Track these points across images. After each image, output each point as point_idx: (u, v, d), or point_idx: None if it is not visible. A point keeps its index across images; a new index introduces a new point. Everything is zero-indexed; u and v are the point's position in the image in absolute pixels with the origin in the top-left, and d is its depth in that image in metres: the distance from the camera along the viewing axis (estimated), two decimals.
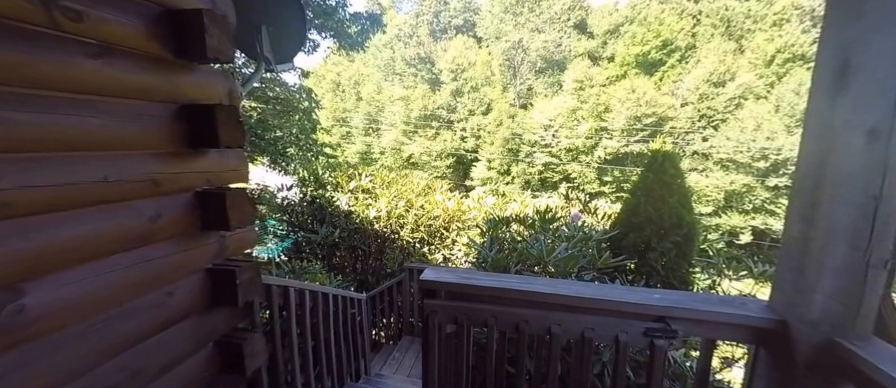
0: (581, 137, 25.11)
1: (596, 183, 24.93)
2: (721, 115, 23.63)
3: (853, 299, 1.17)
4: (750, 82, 23.33)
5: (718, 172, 22.02)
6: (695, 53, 28.65)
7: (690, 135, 24.74)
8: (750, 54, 25.28)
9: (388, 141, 30.62)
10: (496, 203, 4.48)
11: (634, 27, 30.88)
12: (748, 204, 21.10)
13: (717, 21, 29.57)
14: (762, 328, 1.30)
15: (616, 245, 2.78)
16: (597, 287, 1.39)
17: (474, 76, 30.77)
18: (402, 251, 4.26)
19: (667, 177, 2.69)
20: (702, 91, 24.52)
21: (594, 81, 27.40)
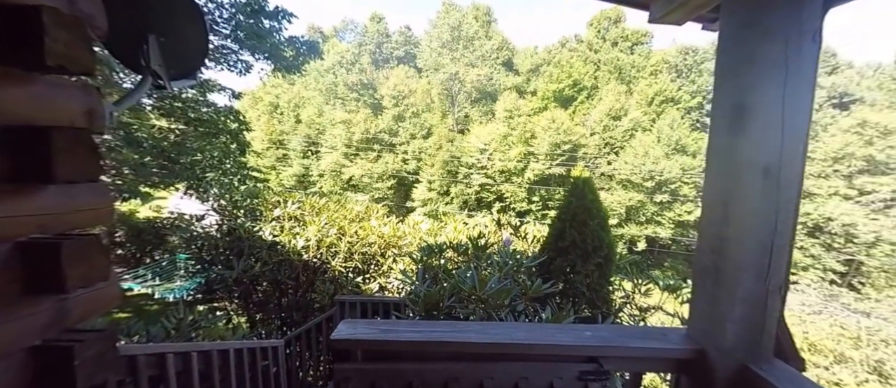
0: (512, 160, 26.50)
1: (525, 202, 26.30)
2: (620, 143, 26.84)
3: (758, 325, 1.17)
4: (638, 118, 27.06)
5: (620, 190, 24.73)
6: (598, 93, 32.56)
7: (598, 159, 27.57)
8: (637, 96, 29.45)
9: (328, 163, 29.10)
10: (431, 228, 4.28)
11: (551, 68, 34.22)
12: (642, 216, 23.91)
13: (612, 68, 34.19)
14: (683, 359, 1.26)
15: (545, 270, 2.77)
16: (530, 330, 1.22)
17: (415, 103, 31.06)
18: (334, 282, 3.80)
19: (587, 202, 2.77)
20: (604, 123, 27.70)
21: (521, 112, 29.40)
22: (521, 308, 2.05)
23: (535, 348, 1.17)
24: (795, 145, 1.06)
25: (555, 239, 2.89)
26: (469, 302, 1.97)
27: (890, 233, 13.15)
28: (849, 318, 9.68)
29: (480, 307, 1.87)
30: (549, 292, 2.37)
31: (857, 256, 16.74)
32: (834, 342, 8.89)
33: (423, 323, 1.20)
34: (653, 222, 23.79)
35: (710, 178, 1.20)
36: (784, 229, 1.09)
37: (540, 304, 2.34)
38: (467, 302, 1.98)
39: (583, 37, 42.30)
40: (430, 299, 1.90)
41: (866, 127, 19.93)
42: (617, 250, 2.94)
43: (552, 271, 2.76)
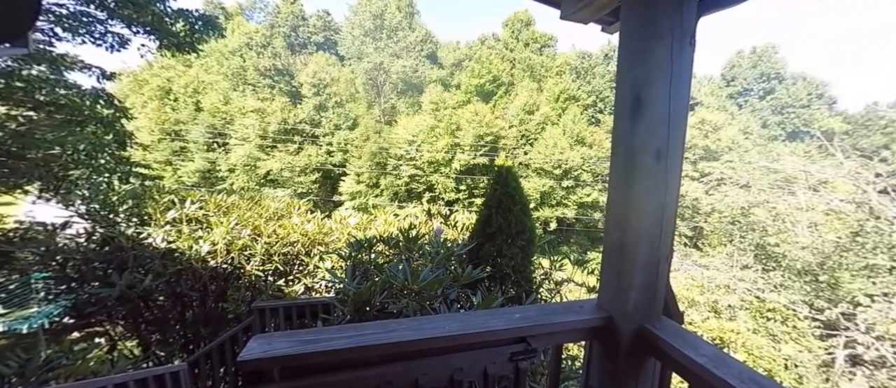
0: (440, 151, 26.84)
1: (454, 191, 27.01)
2: (533, 135, 29.28)
3: (652, 289, 1.33)
4: (547, 113, 29.82)
5: (535, 177, 27.08)
6: (514, 89, 34.89)
7: (516, 150, 29.67)
8: (546, 93, 32.38)
9: (240, 157, 25.60)
10: (360, 223, 4.02)
11: (473, 63, 35.38)
12: (553, 200, 26.66)
13: (525, 67, 36.94)
14: (595, 327, 1.37)
15: (475, 256, 2.84)
16: (463, 319, 1.19)
17: (338, 92, 29.09)
18: (251, 289, 3.32)
19: (510, 189, 2.91)
20: (520, 117, 29.86)
21: (447, 104, 29.84)
22: (454, 296, 2.05)
23: (469, 337, 1.14)
24: (679, 133, 1.22)
25: (482, 226, 2.98)
26: (402, 296, 1.89)
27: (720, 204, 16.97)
28: (696, 271, 12.24)
29: (414, 300, 1.81)
30: (480, 277, 2.42)
31: (700, 223, 21.30)
32: (687, 291, 11.18)
33: (352, 327, 1.08)
34: (561, 204, 26.67)
35: (614, 163, 1.31)
36: (671, 204, 1.25)
37: (471, 289, 2.37)
38: (400, 296, 1.90)
39: (500, 36, 44.67)
40: (361, 297, 1.76)
41: (704, 124, 25.26)
42: (536, 232, 3.17)
43: (481, 257, 2.84)
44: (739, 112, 36.02)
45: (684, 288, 11.28)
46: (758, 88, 39.76)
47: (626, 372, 1.37)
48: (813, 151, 17.74)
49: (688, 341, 1.23)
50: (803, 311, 10.38)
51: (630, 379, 1.37)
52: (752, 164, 18.15)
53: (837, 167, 12.68)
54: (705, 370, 1.10)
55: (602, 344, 1.43)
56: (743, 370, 1.08)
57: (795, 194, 12.59)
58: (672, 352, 1.23)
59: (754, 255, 12.49)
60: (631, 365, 1.36)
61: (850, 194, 11.74)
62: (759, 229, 12.80)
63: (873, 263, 9.68)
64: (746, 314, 10.51)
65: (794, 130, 35.31)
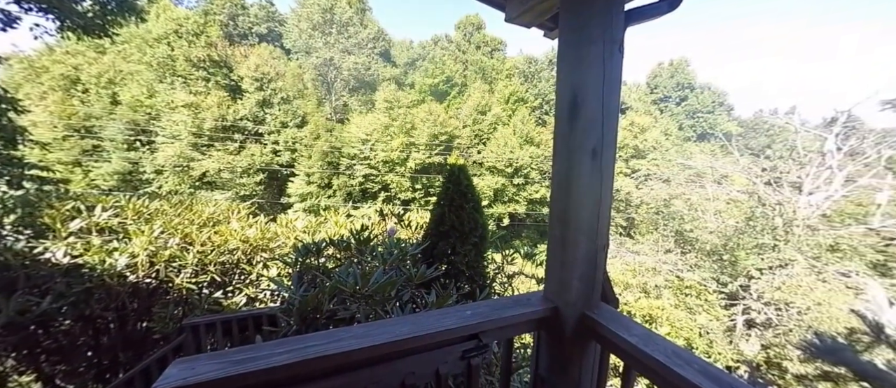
0: (395, 150, 26.38)
1: (410, 190, 26.75)
2: (486, 134, 30.10)
3: (591, 278, 1.42)
4: (499, 114, 30.84)
5: (489, 175, 27.89)
6: (467, 89, 35.52)
7: (470, 149, 30.26)
8: (497, 95, 33.45)
9: (169, 156, 22.74)
10: (309, 225, 3.75)
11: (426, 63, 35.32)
12: (505, 197, 27.71)
13: (478, 69, 37.81)
14: (542, 317, 1.42)
15: (429, 255, 2.81)
16: (415, 321, 1.15)
17: (285, 88, 27.14)
18: (182, 304, 2.93)
19: (462, 187, 2.93)
20: (473, 117, 30.52)
21: (401, 103, 29.41)
22: (408, 297, 2.00)
23: (422, 338, 1.11)
24: (611, 133, 1.30)
25: (436, 224, 2.96)
26: (353, 301, 1.79)
27: (647, 197, 18.97)
28: (629, 257, 13.53)
29: (366, 305, 1.73)
30: (434, 276, 2.40)
31: (632, 214, 23.61)
32: (622, 275, 12.31)
33: (293, 339, 0.99)
34: (513, 201, 27.78)
35: (555, 161, 1.37)
36: (606, 198, 1.33)
37: (426, 289, 2.34)
38: (351, 301, 1.80)
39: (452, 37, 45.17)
40: (308, 306, 1.64)
41: (633, 126, 27.98)
42: (489, 229, 3.23)
43: (435, 255, 2.83)
44: (661, 116, 40.46)
45: (620, 273, 12.40)
46: (675, 96, 45.03)
47: (571, 357, 1.44)
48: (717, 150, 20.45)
49: (622, 323, 1.32)
50: (712, 286, 12.00)
51: (575, 364, 1.44)
52: (671, 161, 20.51)
53: (735, 163, 14.85)
54: (636, 349, 1.20)
55: (549, 333, 1.49)
56: (667, 346, 1.18)
57: (704, 186, 14.51)
58: (609, 335, 1.32)
59: (674, 240, 14.15)
60: (575, 351, 1.44)
61: (744, 186, 13.82)
62: (678, 218, 14.54)
63: (761, 242, 11.48)
64: (669, 292, 11.87)
65: (703, 133, 40.60)
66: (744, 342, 10.73)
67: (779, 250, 10.92)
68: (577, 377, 1.45)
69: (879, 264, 11.97)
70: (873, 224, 11.86)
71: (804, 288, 9.65)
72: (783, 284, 10.11)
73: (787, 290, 9.96)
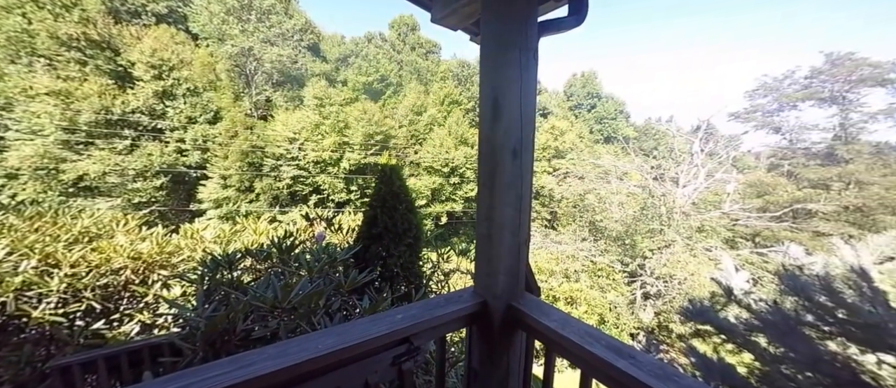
0: (327, 150, 24.80)
1: (344, 192, 25.44)
2: (423, 135, 30.20)
3: (515, 271, 1.49)
4: (434, 114, 31.23)
5: (426, 175, 28.03)
6: (402, 89, 35.19)
7: (407, 149, 30.03)
8: (432, 96, 33.82)
9: (28, 157, 17.93)
10: (221, 235, 3.24)
11: (359, 60, 33.97)
12: (443, 196, 28.20)
13: (413, 69, 37.73)
14: (473, 313, 1.45)
15: (362, 258, 2.68)
16: (341, 332, 1.07)
17: (192, 77, 23.44)
18: (46, 342, 2.28)
19: (395, 187, 2.85)
20: (409, 117, 30.36)
21: (333, 101, 27.74)
22: (338, 305, 1.87)
23: (349, 350, 1.03)
24: (529, 134, 1.38)
25: (368, 226, 2.84)
26: (274, 317, 1.61)
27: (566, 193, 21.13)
28: (553, 247, 14.89)
29: (289, 319, 1.56)
30: (367, 281, 2.29)
31: (555, 209, 26.07)
32: (548, 264, 13.49)
33: (192, 371, 0.83)
34: (450, 200, 28.39)
35: (480, 161, 1.40)
36: (526, 195, 1.42)
37: (359, 295, 2.22)
38: (272, 318, 1.61)
39: (386, 36, 44.25)
40: (215, 328, 1.41)
41: (554, 129, 30.89)
42: (424, 228, 3.22)
43: (369, 259, 2.70)
44: (576, 121, 45.39)
45: (546, 262, 13.57)
46: (586, 103, 50.91)
47: (500, 348, 1.50)
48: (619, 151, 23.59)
49: (543, 310, 1.42)
50: (617, 267, 13.87)
51: (503, 353, 1.51)
52: (585, 161, 23.12)
53: (632, 162, 17.40)
54: (555, 333, 1.29)
55: (480, 327, 1.53)
56: (580, 327, 1.30)
57: (610, 182, 16.72)
58: (533, 323, 1.40)
59: (588, 229, 16.01)
60: (503, 341, 1.50)
61: (639, 181, 16.27)
62: (591, 210, 16.48)
63: (652, 227, 13.65)
64: (586, 275, 13.39)
65: (608, 136, 46.65)
66: (642, 311, 12.63)
67: (664, 233, 13.11)
68: (507, 365, 1.51)
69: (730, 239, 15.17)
70: (725, 209, 15.00)
71: (682, 263, 11.75)
72: (667, 261, 12.17)
73: (670, 265, 12.02)
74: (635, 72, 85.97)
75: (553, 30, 1.45)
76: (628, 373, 1.02)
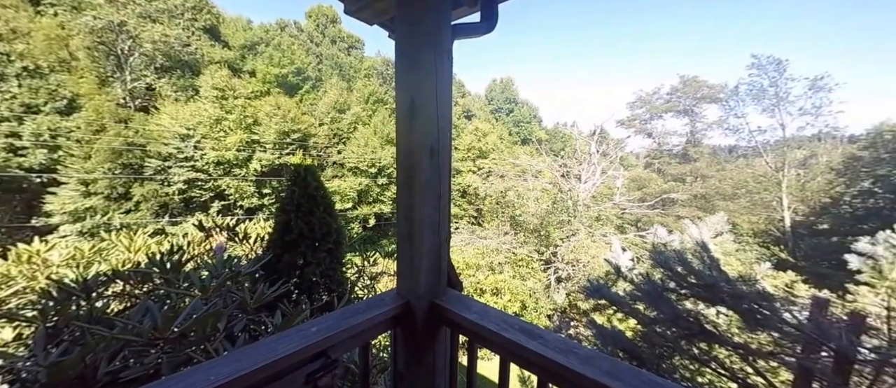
0: (231, 149, 21.70)
1: (255, 197, 22.63)
2: (346, 134, 28.73)
3: (437, 269, 1.51)
4: (359, 113, 30.00)
5: (351, 176, 26.75)
6: (322, 85, 32.89)
7: (329, 149, 28.20)
8: (356, 93, 32.43)
9: None
10: (77, 254, 2.50)
11: (270, 50, 30.54)
12: (370, 197, 27.32)
13: (334, 64, 35.60)
14: (396, 315, 1.42)
15: (273, 269, 2.38)
16: (241, 356, 0.94)
17: (31, 53, 17.99)
18: None
19: (311, 190, 2.61)
20: (331, 115, 28.57)
21: (239, 93, 24.37)
22: (242, 326, 1.64)
23: (251, 376, 0.91)
24: (446, 133, 1.41)
25: (280, 234, 2.55)
26: (155, 350, 1.32)
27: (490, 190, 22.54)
28: (480, 243, 15.71)
29: (174, 351, 1.29)
30: (281, 294, 2.06)
31: (480, 206, 27.54)
32: (474, 258, 14.18)
33: None
34: (378, 201, 27.61)
35: (399, 160, 1.38)
36: (445, 193, 1.44)
37: (269, 311, 1.99)
38: (153, 351, 1.33)
39: (303, 26, 40.77)
40: (63, 376, 1.09)
41: (477, 131, 32.51)
42: (347, 232, 3.05)
43: (282, 269, 2.42)
44: (497, 123, 48.64)
45: (473, 257, 14.22)
46: (505, 108, 54.97)
47: (424, 346, 1.50)
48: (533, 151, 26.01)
49: (465, 304, 1.47)
50: (535, 256, 15.32)
51: (428, 351, 1.51)
52: (505, 160, 24.94)
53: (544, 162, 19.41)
54: (476, 324, 1.35)
55: (403, 329, 1.51)
56: (498, 316, 1.38)
57: (527, 179, 18.38)
58: (455, 317, 1.44)
59: (510, 224, 17.33)
60: (428, 339, 1.51)
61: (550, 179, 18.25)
62: (511, 206, 17.87)
63: (561, 219, 15.43)
64: (509, 266, 14.46)
65: (525, 138, 51.18)
66: (556, 294, 14.20)
67: (571, 223, 14.96)
68: (433, 363, 1.52)
69: (620, 226, 18.04)
70: (616, 200, 17.81)
71: (585, 248, 13.57)
72: (574, 247, 13.92)
73: (576, 251, 13.78)
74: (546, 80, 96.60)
75: (466, 33, 1.51)
76: (537, 352, 1.12)
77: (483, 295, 12.25)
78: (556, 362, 1.07)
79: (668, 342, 2.29)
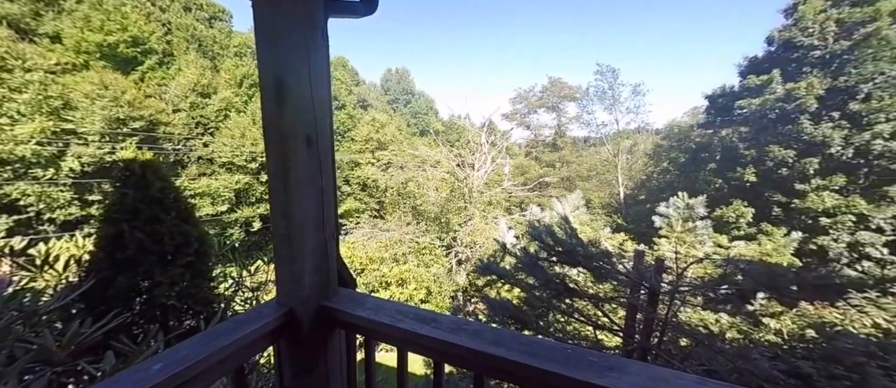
0: (27, 141, 15.42)
1: (74, 206, 16.74)
2: (214, 123, 23.86)
3: (324, 268, 1.38)
4: (230, 98, 25.25)
5: (225, 173, 22.51)
6: (174, 61, 26.22)
7: (192, 141, 23.00)
8: (225, 74, 27.13)
9: None
10: None
11: (88, 9, 22.54)
12: (252, 197, 23.62)
13: (189, 37, 28.74)
14: (277, 327, 1.25)
15: (100, 298, 1.75)
16: None
17: None
18: None
19: (154, 192, 2.00)
20: (191, 100, 23.23)
21: (35, 64, 17.25)
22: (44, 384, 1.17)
23: None
24: (325, 120, 1.28)
25: (110, 250, 1.90)
26: None
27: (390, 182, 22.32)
28: (382, 235, 15.48)
29: None
30: (112, 328, 1.57)
31: (382, 198, 27.04)
32: (378, 252, 13.92)
33: None
34: (263, 200, 24.06)
35: (269, 150, 1.19)
36: (329, 187, 1.32)
37: (95, 354, 1.50)
38: None
39: None
40: None
41: (375, 122, 31.60)
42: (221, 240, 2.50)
43: (115, 297, 1.81)
44: (395, 114, 48.20)
45: (376, 251, 13.92)
46: (402, 99, 54.86)
47: (314, 354, 1.37)
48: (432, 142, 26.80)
49: (358, 302, 1.39)
50: (437, 243, 16.02)
51: (319, 359, 1.39)
52: (405, 152, 25.02)
53: (441, 152, 20.28)
54: (370, 321, 1.29)
55: (288, 341, 1.34)
56: (392, 308, 1.36)
57: (426, 170, 18.91)
58: (348, 317, 1.35)
59: (412, 214, 17.59)
60: (318, 345, 1.38)
61: (448, 168, 19.22)
62: (412, 196, 18.14)
63: (459, 205, 16.50)
64: (413, 256, 14.72)
65: (423, 129, 52.32)
66: (458, 276, 15.20)
67: (467, 209, 16.15)
68: (326, 371, 1.41)
69: (508, 208, 20.41)
70: (504, 185, 20.03)
71: (480, 231, 14.89)
72: (471, 231, 15.12)
73: (472, 234, 14.99)
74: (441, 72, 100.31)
75: (342, 12, 1.39)
76: (431, 336, 1.15)
77: (389, 288, 12.18)
78: (448, 341, 1.12)
79: (544, 302, 2.74)
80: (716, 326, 3.10)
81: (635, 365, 0.94)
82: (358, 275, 12.74)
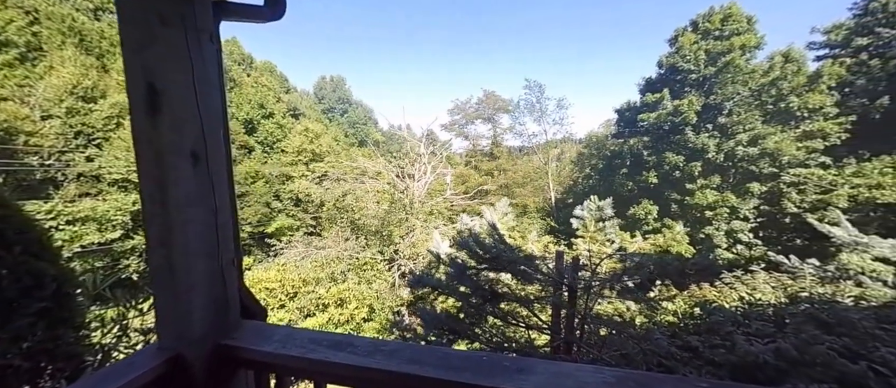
0: None
1: None
2: (101, 133, 20.05)
3: (222, 301, 1.22)
4: (123, 103, 21.52)
5: (118, 193, 18.96)
6: (45, 58, 21.49)
7: (70, 155, 18.96)
8: (116, 76, 23.09)
9: None
10: None
11: None
12: None
13: (66, 29, 23.92)
14: (154, 378, 1.05)
15: None
16: None
17: None
18: None
19: None
20: (68, 104, 19.22)
21: None
22: None
23: None
24: (217, 134, 1.15)
25: None
26: None
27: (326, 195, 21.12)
28: (318, 254, 14.48)
29: None
30: None
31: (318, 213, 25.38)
32: (313, 272, 12.96)
33: None
34: None
35: (142, 168, 1.02)
36: (223, 207, 1.17)
37: None
38: None
39: None
40: None
41: (308, 132, 29.81)
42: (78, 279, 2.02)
43: None
44: (330, 124, 46.03)
45: (311, 271, 12.93)
46: (339, 108, 52.79)
47: None
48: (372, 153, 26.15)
49: (264, 335, 1.25)
50: (379, 258, 15.52)
51: None
52: (342, 163, 23.96)
53: (381, 163, 19.87)
54: (278, 355, 1.17)
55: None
56: (304, 336, 1.24)
57: (365, 182, 18.32)
58: (253, 354, 1.20)
59: (350, 229, 16.80)
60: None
61: (388, 179, 18.88)
62: (351, 210, 17.36)
63: (400, 217, 16.25)
64: (353, 273, 14.01)
65: (361, 140, 50.86)
66: (401, 290, 14.86)
67: (408, 220, 16.00)
68: None
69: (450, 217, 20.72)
70: (446, 195, 20.34)
71: (422, 242, 14.84)
72: (413, 242, 14.98)
73: (414, 246, 14.87)
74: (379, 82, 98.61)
75: (239, 16, 1.28)
76: (346, 363, 1.08)
77: (327, 310, 11.36)
78: (364, 366, 1.06)
79: (478, 310, 2.82)
80: (628, 314, 3.55)
81: (542, 364, 1.00)
82: (290, 300, 11.63)
